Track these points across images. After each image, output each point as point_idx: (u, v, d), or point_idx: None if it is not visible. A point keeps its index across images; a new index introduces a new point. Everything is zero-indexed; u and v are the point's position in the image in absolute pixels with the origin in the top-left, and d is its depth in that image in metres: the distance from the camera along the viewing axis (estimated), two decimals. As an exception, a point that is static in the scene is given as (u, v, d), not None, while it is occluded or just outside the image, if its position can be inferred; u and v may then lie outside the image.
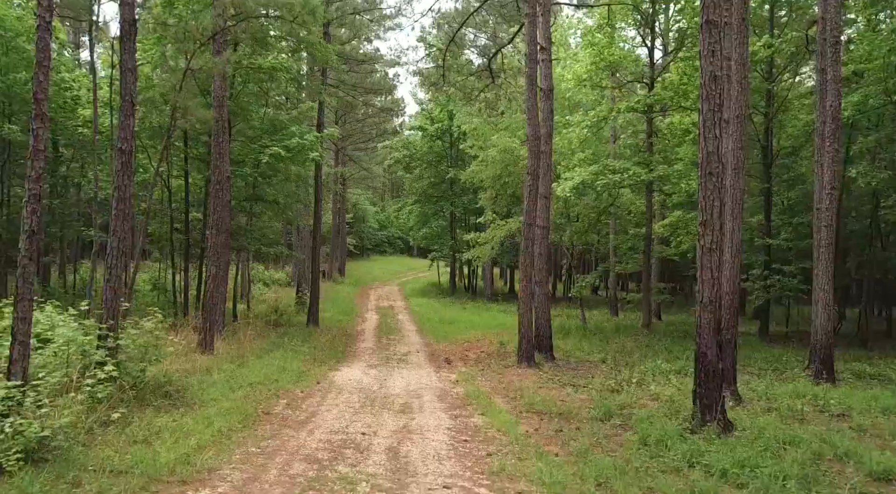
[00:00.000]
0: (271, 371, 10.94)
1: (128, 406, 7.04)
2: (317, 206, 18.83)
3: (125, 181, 7.82)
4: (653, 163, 17.82)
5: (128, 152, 7.85)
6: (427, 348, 16.47)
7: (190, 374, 9.43)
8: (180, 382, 8.61)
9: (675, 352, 15.28)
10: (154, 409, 7.37)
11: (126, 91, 7.78)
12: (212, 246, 11.80)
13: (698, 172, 7.18)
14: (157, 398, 7.73)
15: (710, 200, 7.03)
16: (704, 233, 7.06)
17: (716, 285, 7.05)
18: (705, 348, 7.12)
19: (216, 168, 11.82)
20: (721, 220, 7.03)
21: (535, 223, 12.33)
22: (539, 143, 12.33)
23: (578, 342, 17.06)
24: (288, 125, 16.17)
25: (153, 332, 8.45)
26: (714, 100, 6.95)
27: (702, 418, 7.01)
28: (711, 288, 7.06)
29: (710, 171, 7.00)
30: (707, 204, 7.04)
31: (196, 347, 11.58)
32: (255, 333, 15.65)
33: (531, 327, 12.29)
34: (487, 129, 21.87)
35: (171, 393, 8.02)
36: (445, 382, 11.26)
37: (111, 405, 6.68)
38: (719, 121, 6.95)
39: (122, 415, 6.48)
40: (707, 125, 6.99)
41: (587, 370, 12.93)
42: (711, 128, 6.97)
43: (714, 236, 7.02)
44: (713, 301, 7.07)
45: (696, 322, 7.29)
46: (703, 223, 7.08)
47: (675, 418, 7.74)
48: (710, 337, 7.09)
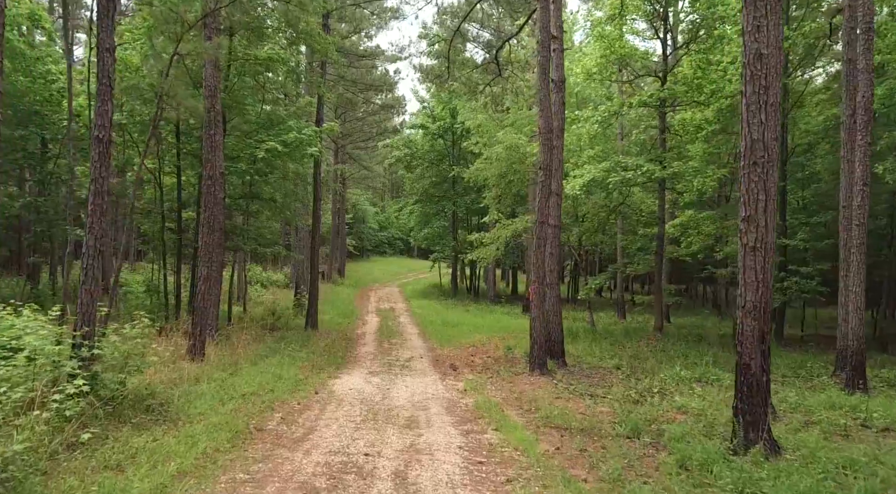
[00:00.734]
0: (266, 379, 10.19)
1: (102, 423, 6.29)
2: (316, 205, 18.07)
3: (102, 173, 7.06)
4: (666, 159, 17.09)
5: (105, 141, 7.09)
6: (431, 353, 15.72)
7: (176, 385, 8.66)
8: (165, 394, 7.85)
9: (691, 358, 14.53)
10: (133, 427, 6.60)
11: (104, 73, 7.03)
12: (203, 245, 11.03)
13: (740, 162, 6.43)
14: (137, 413, 6.96)
15: (753, 194, 6.28)
16: (748, 230, 6.31)
17: (761, 288, 6.29)
18: (748, 358, 6.37)
19: (208, 162, 11.07)
20: (766, 216, 6.27)
21: (548, 221, 11.58)
22: (552, 137, 11.59)
23: (588, 346, 16.32)
24: (285, 119, 15.42)
25: (139, 339, 7.71)
26: (759, 82, 6.21)
27: (745, 437, 6.26)
28: (756, 292, 6.30)
29: (754, 161, 6.25)
30: (751, 197, 6.29)
31: (185, 354, 10.82)
32: (251, 337, 14.89)
33: (543, 332, 11.54)
34: (492, 126, 21.13)
35: (153, 407, 7.26)
36: (453, 391, 10.50)
37: (82, 423, 5.92)
38: (765, 105, 6.20)
39: (93, 436, 5.72)
40: (751, 109, 6.24)
41: (602, 377, 12.18)
42: (756, 113, 6.22)
43: (759, 234, 6.27)
44: (757, 306, 6.32)
45: (737, 329, 6.53)
46: (746, 219, 6.33)
47: (712, 435, 6.99)
48: (753, 347, 6.34)
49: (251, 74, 15.14)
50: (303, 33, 15.58)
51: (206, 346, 11.84)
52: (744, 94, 6.33)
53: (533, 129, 19.87)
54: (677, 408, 8.83)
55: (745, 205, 6.34)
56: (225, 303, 19.04)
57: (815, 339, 20.14)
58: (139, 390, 7.39)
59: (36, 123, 14.97)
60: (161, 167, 15.24)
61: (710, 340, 17.59)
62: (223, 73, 14.97)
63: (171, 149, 15.32)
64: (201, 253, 11.01)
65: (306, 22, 15.20)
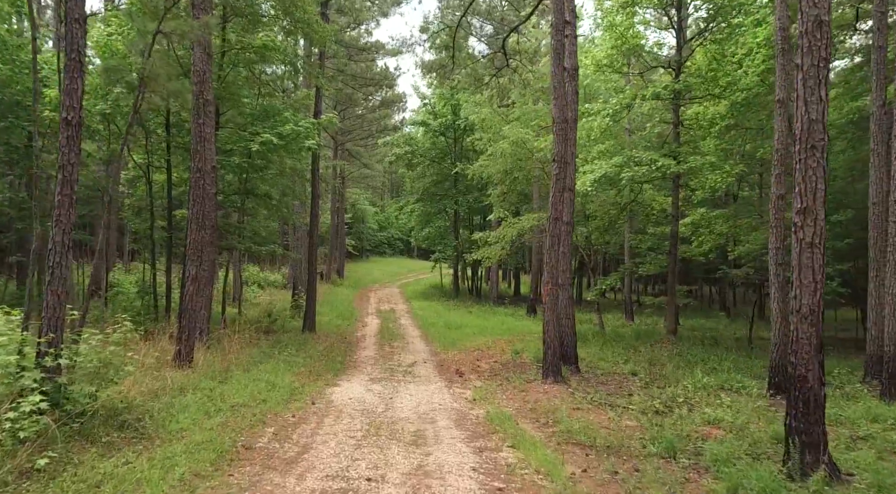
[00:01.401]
0: (258, 388, 9.39)
1: (65, 445, 5.49)
2: (313, 202, 17.26)
3: (71, 159, 6.27)
4: (681, 154, 16.30)
5: (75, 124, 6.30)
6: (434, 357, 14.93)
7: (158, 396, 7.86)
8: (143, 407, 7.05)
9: (710, 363, 13.75)
10: (103, 447, 5.80)
11: (72, 46, 6.23)
12: (191, 243, 10.23)
13: (795, 147, 5.64)
14: (108, 431, 6.16)
15: (811, 182, 5.49)
16: (804, 223, 5.53)
17: (818, 290, 5.51)
18: (804, 370, 5.58)
19: (197, 154, 10.27)
20: (824, 208, 5.49)
21: (561, 218, 10.80)
22: (567, 126, 10.80)
23: (600, 350, 15.54)
24: (281, 111, 14.61)
25: (115, 345, 6.92)
26: (818, 53, 5.42)
27: (802, 460, 5.47)
28: (813, 295, 5.52)
29: (812, 145, 5.47)
30: (808, 186, 5.50)
31: (172, 360, 10.02)
32: (244, 341, 14.08)
33: (557, 336, 10.75)
34: (497, 120, 20.34)
35: (128, 423, 6.46)
36: (461, 401, 9.71)
37: (40, 446, 5.13)
38: (824, 80, 5.42)
39: (52, 460, 4.93)
40: (809, 85, 5.46)
41: (619, 384, 11.39)
42: (815, 90, 5.44)
43: (817, 228, 5.49)
44: (814, 310, 5.53)
45: (792, 336, 5.74)
46: (802, 211, 5.55)
47: (759, 456, 6.21)
48: (810, 356, 5.55)
49: (245, 64, 14.34)
50: (300, 21, 14.81)
51: (195, 351, 11.04)
52: (798, 68, 5.54)
53: (540, 124, 19.11)
54: (709, 422, 8.04)
55: (801, 196, 5.55)
56: (219, 305, 18.26)
57: (833, 342, 19.35)
58: (113, 403, 6.59)
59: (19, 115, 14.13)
60: (150, 161, 14.42)
61: (726, 344, 16.80)
62: (216, 62, 14.21)
63: (161, 142, 14.51)
64: (189, 252, 10.21)
65: (304, 10, 14.44)
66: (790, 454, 5.62)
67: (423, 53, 79.06)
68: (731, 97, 17.04)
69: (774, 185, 10.75)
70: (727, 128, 18.33)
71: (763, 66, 16.32)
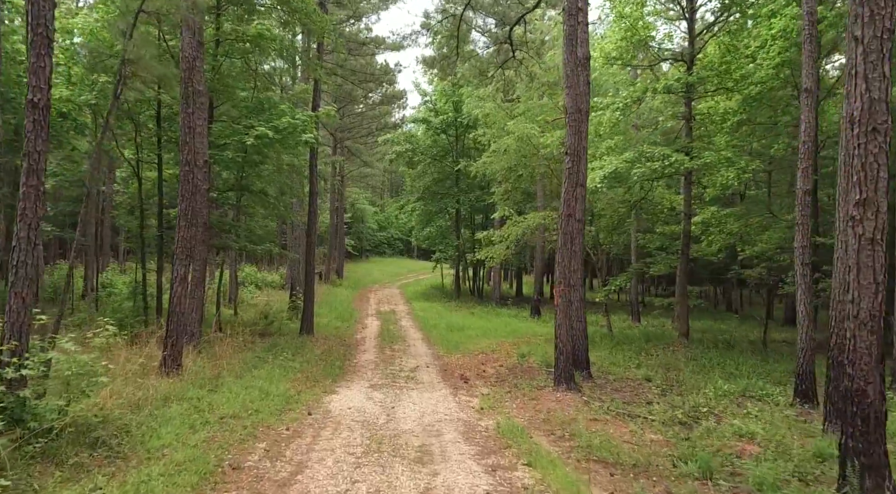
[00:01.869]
0: (251, 397, 8.73)
1: (28, 468, 4.83)
2: (311, 199, 16.60)
3: (38, 146, 5.62)
4: (695, 149, 15.65)
5: (43, 107, 5.65)
6: (437, 361, 14.27)
7: (140, 407, 7.20)
8: (121, 421, 6.39)
9: (728, 368, 13.12)
10: (70, 469, 5.15)
11: (38, 21, 5.58)
12: (181, 241, 9.56)
13: (852, 131, 4.99)
14: (79, 450, 5.51)
15: (872, 170, 4.85)
16: (864, 216, 4.88)
17: (880, 292, 4.86)
18: (863, 383, 4.93)
19: (185, 146, 9.61)
20: (888, 199, 4.84)
21: (574, 215, 10.15)
22: (580, 117, 10.15)
23: (610, 353, 14.89)
24: (277, 104, 13.95)
25: (104, 349, 6.28)
26: (882, 23, 4.78)
27: (862, 486, 4.82)
28: (874, 298, 4.87)
29: (874, 127, 4.82)
30: (868, 175, 4.86)
31: (158, 366, 9.36)
32: (239, 345, 13.44)
33: (569, 341, 10.09)
34: (501, 115, 19.69)
35: (102, 440, 5.80)
36: (467, 410, 9.05)
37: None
38: (888, 53, 4.76)
39: (5, 489, 4.27)
40: (871, 60, 4.81)
41: (634, 391, 10.74)
42: (877, 65, 4.79)
43: (878, 222, 4.84)
44: (875, 315, 4.89)
45: (848, 344, 5.09)
46: (861, 203, 4.90)
47: (807, 479, 5.57)
48: (870, 367, 4.91)
49: (240, 54, 13.68)
50: (297, 11, 14.15)
51: (184, 356, 10.38)
52: (858, 41, 4.89)
53: (546, 119, 18.46)
54: (740, 435, 7.39)
55: (860, 186, 4.90)
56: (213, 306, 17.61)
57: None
58: (86, 418, 5.93)
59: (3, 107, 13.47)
60: (140, 157, 13.75)
61: (741, 347, 16.15)
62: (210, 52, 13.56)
63: (152, 136, 13.85)
64: (178, 250, 9.55)
65: (302, 0, 13.80)
66: (847, 478, 4.97)
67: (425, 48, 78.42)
68: (744, 91, 16.40)
69: (801, 180, 10.10)
70: (739, 124, 17.70)
71: (778, 59, 15.69)
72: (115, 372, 7.82)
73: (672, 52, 17.29)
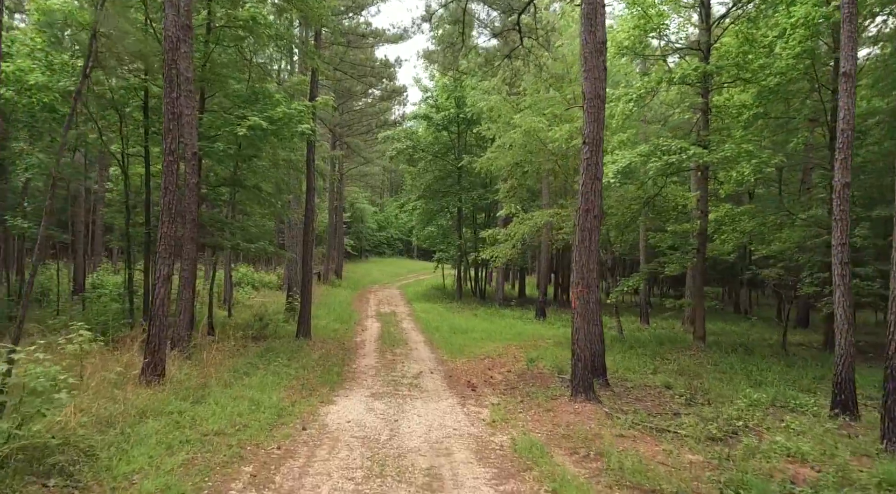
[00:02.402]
0: (240, 409, 7.93)
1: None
2: (308, 195, 15.77)
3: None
4: (713, 142, 14.85)
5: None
6: (442, 366, 13.47)
7: (111, 424, 6.38)
8: (87, 442, 5.57)
9: (752, 375, 12.31)
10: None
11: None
12: (163, 237, 8.74)
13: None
14: (30, 480, 4.69)
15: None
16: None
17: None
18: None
19: (169, 133, 8.77)
20: None
21: (592, 210, 9.33)
22: (599, 104, 9.35)
23: (623, 358, 14.09)
24: (272, 93, 13.13)
25: (81, 356, 5.47)
26: None
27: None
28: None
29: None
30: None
31: (139, 375, 8.54)
32: (230, 349, 12.64)
33: (587, 346, 9.28)
34: (507, 109, 18.88)
35: (61, 466, 4.99)
36: (478, 424, 8.24)
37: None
38: None
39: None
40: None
41: (657, 401, 9.94)
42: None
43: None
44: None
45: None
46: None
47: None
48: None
49: (232, 40, 12.86)
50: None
51: (170, 363, 9.58)
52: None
53: (554, 112, 17.65)
54: (788, 455, 6.57)
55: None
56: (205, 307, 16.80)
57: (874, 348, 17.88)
58: (42, 441, 5.11)
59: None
60: (126, 149, 12.92)
61: (761, 352, 15.33)
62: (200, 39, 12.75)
63: (139, 127, 13.03)
64: (160, 248, 8.72)
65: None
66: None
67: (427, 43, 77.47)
68: (762, 82, 15.62)
69: (839, 173, 9.30)
70: (754, 117, 16.92)
71: (799, 48, 14.92)
72: (85, 384, 7.02)
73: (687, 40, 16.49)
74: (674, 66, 17.57)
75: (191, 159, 11.58)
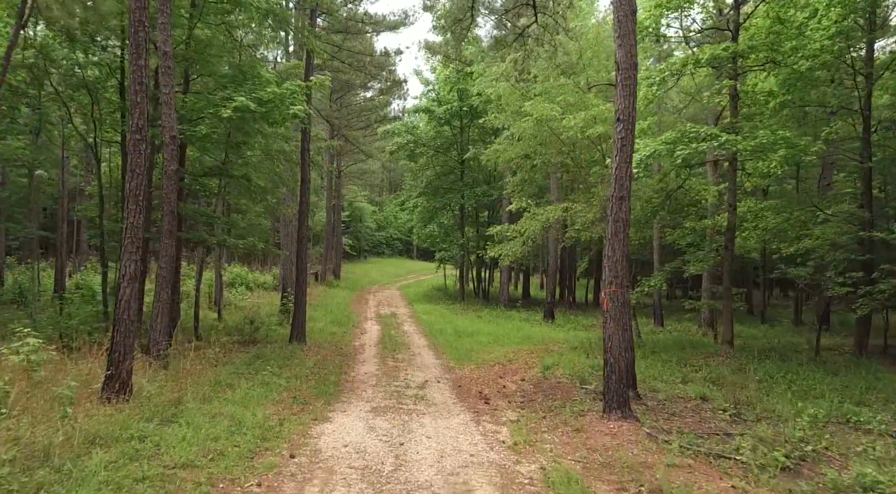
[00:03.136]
0: (217, 431, 6.67)
1: None
2: (303, 188, 14.51)
3: None
4: (744, 129, 13.63)
5: None
6: (449, 374, 12.24)
7: (48, 457, 5.12)
8: (6, 487, 4.31)
9: (797, 384, 11.04)
10: None
11: None
12: (129, 228, 7.47)
13: None
14: None
15: None
16: None
17: None
18: None
19: (136, 107, 7.50)
20: None
21: (627, 197, 8.10)
22: (633, 75, 8.12)
23: (647, 365, 12.82)
24: (261, 72, 11.88)
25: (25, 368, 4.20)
26: None
27: None
28: None
29: None
30: None
31: (101, 390, 7.28)
32: (214, 356, 11.37)
33: (622, 355, 8.03)
34: (517, 96, 17.65)
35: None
36: (498, 447, 6.99)
37: None
38: None
39: None
40: None
41: (697, 416, 8.70)
42: None
43: None
44: None
45: None
46: None
47: None
48: None
49: (217, 14, 11.61)
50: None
51: (140, 374, 8.33)
52: None
53: (567, 100, 16.42)
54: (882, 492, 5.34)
55: None
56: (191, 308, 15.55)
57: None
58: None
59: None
60: (98, 132, 11.65)
61: (797, 358, 14.08)
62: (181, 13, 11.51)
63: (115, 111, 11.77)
64: (126, 241, 7.45)
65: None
66: None
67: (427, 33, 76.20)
68: (793, 65, 14.40)
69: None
70: (781, 106, 15.70)
71: (834, 29, 13.73)
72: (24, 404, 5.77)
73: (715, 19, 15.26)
74: (696, 50, 16.36)
75: (169, 143, 10.33)
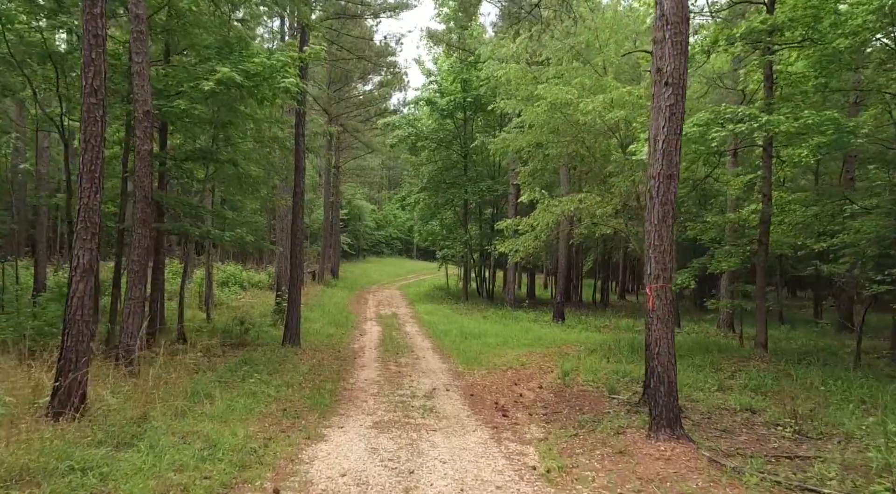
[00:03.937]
0: (185, 456, 5.41)
1: None
2: (297, 177, 13.24)
3: None
4: (783, 109, 12.39)
5: None
6: (458, 380, 10.99)
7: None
8: None
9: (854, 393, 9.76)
10: None
11: None
12: (83, 210, 6.18)
13: None
14: None
15: None
16: None
17: None
18: None
19: (90, 66, 6.22)
20: None
21: (675, 176, 6.84)
22: (686, 30, 6.86)
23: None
24: (249, 43, 10.61)
25: None
26: None
27: None
28: None
29: None
30: None
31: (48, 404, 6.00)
32: (196, 361, 10.08)
33: (671, 364, 6.78)
34: (528, 80, 16.41)
35: None
36: (528, 476, 5.73)
37: None
38: None
39: None
40: None
41: (751, 432, 7.45)
42: None
43: None
44: None
45: None
46: None
47: None
48: None
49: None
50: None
51: (101, 384, 7.06)
52: None
53: (583, 83, 15.17)
54: None
55: None
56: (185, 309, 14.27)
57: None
58: None
59: None
60: (65, 111, 10.37)
61: (842, 363, 12.83)
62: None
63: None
64: (78, 227, 6.17)
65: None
66: None
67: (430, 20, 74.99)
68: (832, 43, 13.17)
69: None
70: (814, 90, 14.48)
71: (877, 3, 12.51)
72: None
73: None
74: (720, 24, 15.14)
75: (143, 120, 9.06)
